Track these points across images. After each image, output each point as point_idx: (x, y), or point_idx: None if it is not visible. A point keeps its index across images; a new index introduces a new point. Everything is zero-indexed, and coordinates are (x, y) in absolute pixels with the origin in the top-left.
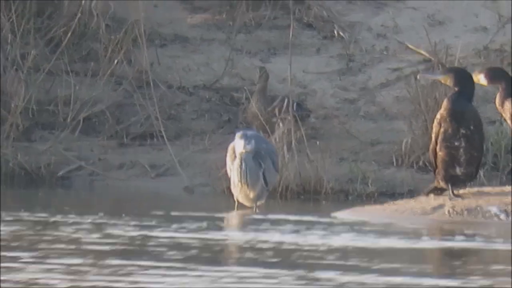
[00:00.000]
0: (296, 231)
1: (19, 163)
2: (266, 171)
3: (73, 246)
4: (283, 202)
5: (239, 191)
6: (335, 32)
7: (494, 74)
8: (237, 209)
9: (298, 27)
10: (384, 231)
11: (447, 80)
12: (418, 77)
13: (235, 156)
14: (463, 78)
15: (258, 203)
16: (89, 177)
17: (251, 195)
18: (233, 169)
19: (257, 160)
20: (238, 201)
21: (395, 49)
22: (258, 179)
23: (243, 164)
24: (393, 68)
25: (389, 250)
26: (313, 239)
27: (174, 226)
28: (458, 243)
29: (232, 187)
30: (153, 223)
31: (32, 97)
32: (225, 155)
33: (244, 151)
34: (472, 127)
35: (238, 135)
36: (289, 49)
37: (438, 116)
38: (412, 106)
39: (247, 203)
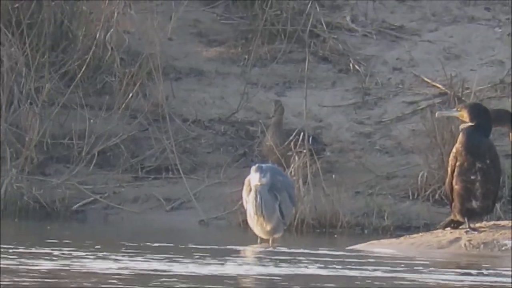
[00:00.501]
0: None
1: (34, 197)
2: (282, 203)
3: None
4: (299, 236)
5: (255, 224)
6: (351, 65)
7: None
8: (260, 243)
9: (313, 60)
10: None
11: (463, 116)
12: (436, 115)
13: (251, 189)
14: (478, 112)
15: (275, 236)
16: (104, 211)
17: (268, 227)
18: (248, 201)
19: (272, 193)
20: (259, 235)
21: (411, 83)
22: (274, 211)
23: (258, 197)
24: (409, 102)
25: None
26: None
27: (189, 259)
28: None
29: (248, 220)
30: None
31: (47, 130)
32: (241, 189)
33: (259, 183)
34: (488, 161)
35: (253, 168)
36: (305, 83)
37: (454, 150)
38: (428, 140)
39: (263, 236)
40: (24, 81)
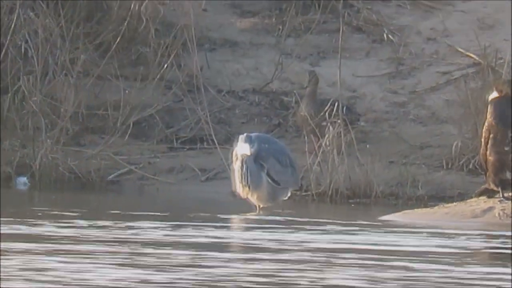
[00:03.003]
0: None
1: (69, 168)
2: (270, 170)
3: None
4: (333, 205)
5: (242, 193)
6: (385, 35)
7: None
8: (259, 212)
9: (347, 30)
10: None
11: None
12: None
13: (237, 159)
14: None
15: (275, 202)
16: (138, 181)
17: (255, 196)
18: (235, 171)
19: (258, 162)
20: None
21: (444, 53)
22: (260, 180)
23: (244, 166)
24: (443, 72)
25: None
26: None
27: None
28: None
29: (236, 189)
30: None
31: (82, 101)
32: None
33: (249, 154)
34: None
35: (241, 137)
36: (339, 53)
37: (486, 123)
38: (461, 110)
39: (260, 204)
40: (59, 52)
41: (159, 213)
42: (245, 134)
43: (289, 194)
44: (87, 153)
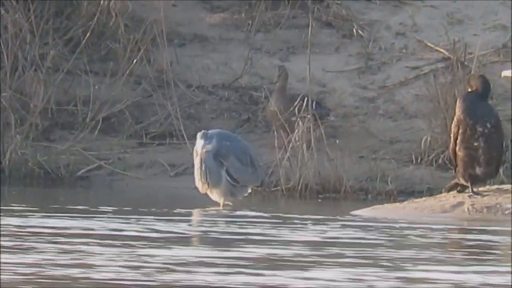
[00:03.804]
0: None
1: (39, 163)
2: (230, 168)
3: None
4: (303, 201)
5: (202, 189)
6: (354, 31)
7: None
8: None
9: (317, 26)
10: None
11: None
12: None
13: (197, 155)
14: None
15: (232, 199)
16: (108, 177)
17: (213, 193)
18: (195, 168)
19: (218, 160)
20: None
21: (414, 48)
22: (219, 178)
23: (203, 165)
24: (412, 67)
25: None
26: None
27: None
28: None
29: (196, 185)
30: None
31: (51, 97)
32: None
33: (204, 150)
34: (489, 125)
35: (199, 134)
36: (308, 48)
37: (455, 118)
38: (431, 104)
39: (219, 200)
40: (29, 48)
41: (126, 208)
42: (202, 131)
43: (249, 191)
44: (56, 148)
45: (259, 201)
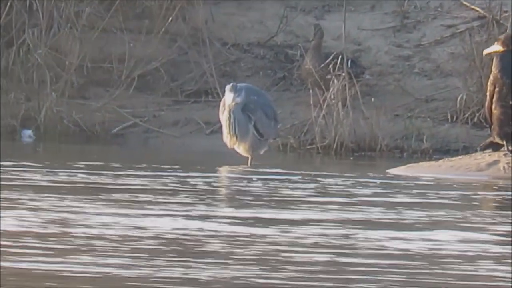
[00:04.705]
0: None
1: (74, 121)
2: (257, 122)
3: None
4: (338, 159)
5: (230, 143)
6: None
7: None
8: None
9: None
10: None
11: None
12: (484, 53)
13: (225, 109)
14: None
15: (256, 153)
16: (143, 134)
17: (241, 146)
18: (222, 121)
19: (246, 113)
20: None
21: (449, 6)
22: (247, 131)
23: (232, 116)
24: (448, 25)
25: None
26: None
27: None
28: None
29: (224, 139)
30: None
31: (87, 54)
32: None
33: (233, 103)
34: None
35: (228, 87)
36: (344, 6)
37: (491, 76)
38: (466, 63)
39: (243, 154)
40: (64, 6)
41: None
42: (231, 84)
43: (267, 147)
44: (91, 106)
45: (295, 158)
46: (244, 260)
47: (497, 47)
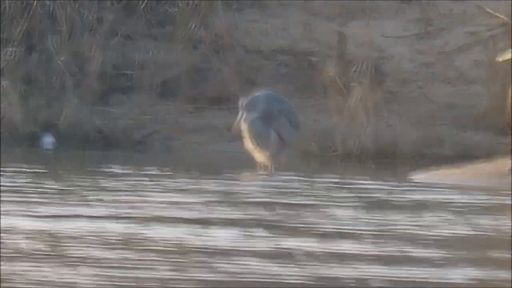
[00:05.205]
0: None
1: (95, 127)
2: (281, 129)
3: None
4: (360, 165)
5: (255, 152)
6: None
7: None
8: (258, 170)
9: None
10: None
11: None
12: (499, 60)
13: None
14: None
15: (276, 160)
16: (165, 141)
17: (264, 154)
18: (244, 134)
19: (266, 121)
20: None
21: (473, 13)
22: (269, 138)
23: (251, 129)
24: (471, 32)
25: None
26: None
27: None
28: None
29: (248, 148)
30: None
31: (109, 61)
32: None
33: (247, 121)
34: None
35: (242, 102)
36: (367, 13)
37: None
38: (490, 70)
39: (266, 161)
40: (87, 12)
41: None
42: (242, 101)
43: (287, 154)
44: (113, 112)
45: (319, 165)
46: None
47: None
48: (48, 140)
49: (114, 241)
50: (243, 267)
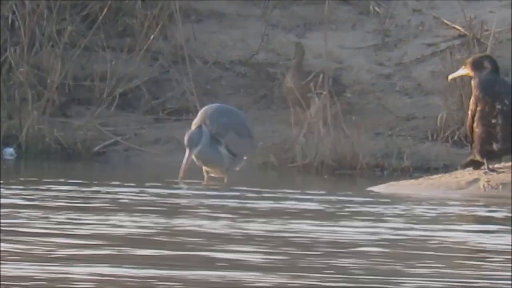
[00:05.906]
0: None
1: (55, 138)
2: (229, 143)
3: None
4: (319, 177)
5: (208, 170)
6: (371, 7)
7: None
8: (206, 182)
9: (334, 2)
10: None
11: (469, 72)
12: (448, 78)
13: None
14: (480, 60)
15: (231, 171)
16: (125, 153)
17: (218, 169)
18: (198, 164)
19: (213, 142)
20: (207, 173)
21: (430, 24)
22: (220, 157)
23: (200, 156)
24: (429, 43)
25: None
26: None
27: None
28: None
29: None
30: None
31: (68, 72)
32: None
33: (194, 156)
34: (507, 101)
35: (186, 137)
36: (325, 25)
37: (472, 97)
38: (447, 81)
39: (221, 175)
40: (46, 24)
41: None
42: (187, 136)
43: (243, 164)
44: (73, 124)
45: (277, 177)
46: None
47: (463, 71)
48: (8, 152)
49: None
50: None
